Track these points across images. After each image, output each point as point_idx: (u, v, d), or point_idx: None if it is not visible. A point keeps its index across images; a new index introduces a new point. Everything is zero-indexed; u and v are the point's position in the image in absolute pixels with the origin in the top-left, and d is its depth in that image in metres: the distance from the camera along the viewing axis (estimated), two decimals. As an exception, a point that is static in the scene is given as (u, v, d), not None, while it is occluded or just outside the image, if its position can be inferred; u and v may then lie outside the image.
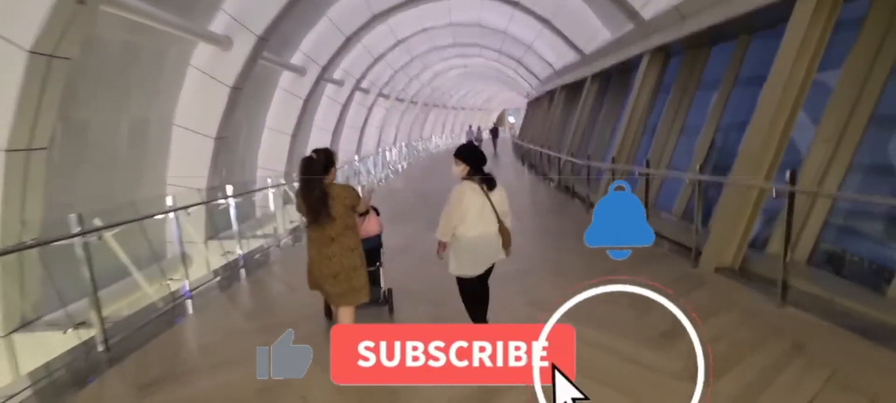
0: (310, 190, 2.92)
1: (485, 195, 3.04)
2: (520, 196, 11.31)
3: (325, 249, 2.96)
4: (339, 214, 2.94)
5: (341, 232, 2.97)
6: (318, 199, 2.90)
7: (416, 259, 5.87)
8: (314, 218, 2.93)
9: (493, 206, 3.06)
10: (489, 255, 3.12)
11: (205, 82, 8.02)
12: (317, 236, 2.99)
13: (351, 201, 2.99)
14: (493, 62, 23.35)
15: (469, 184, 3.04)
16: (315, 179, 2.93)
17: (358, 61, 15.73)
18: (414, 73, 23.16)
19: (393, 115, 26.02)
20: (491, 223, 3.07)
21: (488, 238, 3.07)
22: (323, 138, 15.81)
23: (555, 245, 6.37)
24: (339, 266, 2.96)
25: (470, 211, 3.03)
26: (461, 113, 47.71)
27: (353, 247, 3.03)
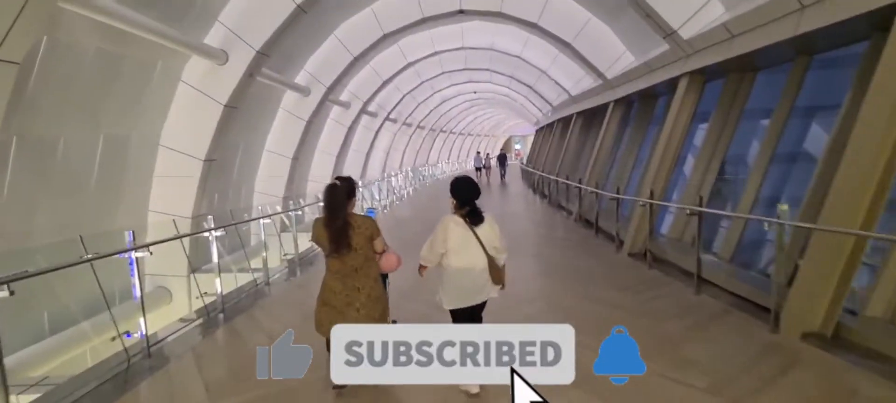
0: (333, 218, 2.88)
1: (470, 229, 3.03)
2: (536, 228, 10.41)
3: (350, 281, 2.95)
4: (360, 245, 2.91)
5: (363, 263, 2.95)
6: (341, 229, 2.86)
7: (426, 304, 4.95)
8: (336, 248, 2.88)
9: (479, 241, 3.02)
10: (475, 289, 3.08)
11: (196, 99, 7.30)
12: (338, 267, 2.95)
13: (371, 232, 2.97)
14: (502, 88, 22.84)
15: (455, 217, 3.07)
16: (339, 208, 2.89)
17: (366, 83, 15.14)
18: (422, 98, 22.65)
19: (400, 140, 25.44)
20: (477, 257, 3.03)
21: (473, 272, 3.04)
22: (326, 162, 15.09)
23: (589, 292, 5.42)
24: (367, 297, 2.95)
25: (451, 243, 3.03)
26: (468, 139, 47.31)
27: (376, 277, 3.05)
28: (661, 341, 3.89)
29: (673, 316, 4.58)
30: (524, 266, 6.89)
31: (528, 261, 7.15)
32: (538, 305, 5.01)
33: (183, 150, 7.38)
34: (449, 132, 37.77)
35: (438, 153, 37.56)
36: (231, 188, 10.14)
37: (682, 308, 4.80)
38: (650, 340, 3.92)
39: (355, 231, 2.91)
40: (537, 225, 10.89)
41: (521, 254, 7.66)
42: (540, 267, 6.73)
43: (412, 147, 28.46)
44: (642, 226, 7.37)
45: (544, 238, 9.17)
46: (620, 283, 5.81)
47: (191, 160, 7.40)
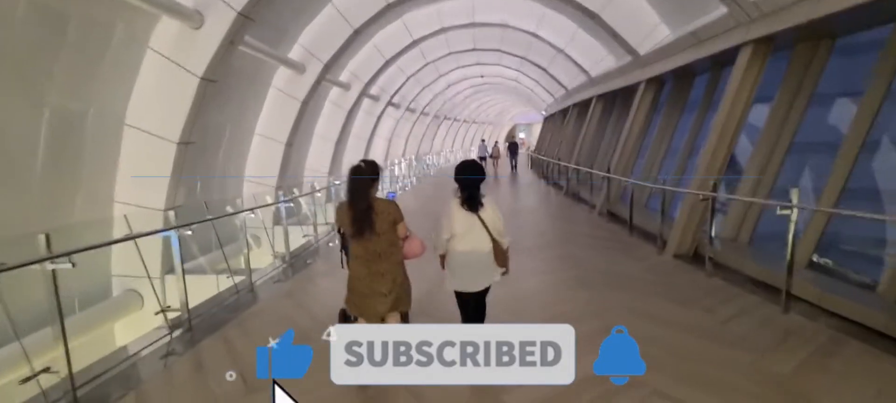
0: (357, 201, 2.87)
1: (473, 214, 3.07)
2: (556, 222, 9.32)
3: (374, 266, 2.94)
4: (384, 230, 2.91)
5: (386, 248, 2.95)
6: (364, 212, 2.85)
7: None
8: (359, 231, 2.88)
9: (484, 224, 3.09)
10: (480, 273, 3.16)
11: (167, 70, 6.17)
12: (361, 252, 2.94)
13: (394, 217, 2.95)
14: (512, 71, 21.58)
15: (455, 202, 3.11)
16: (363, 190, 2.88)
17: (367, 62, 13.96)
18: (427, 81, 21.42)
19: (403, 127, 24.26)
20: (481, 241, 3.10)
21: (478, 255, 3.11)
22: (324, 149, 13.98)
23: (643, 308, 4.36)
24: (392, 282, 2.97)
25: (456, 227, 3.08)
26: (472, 127, 46.07)
27: (400, 262, 3.04)
28: (778, 387, 2.84)
29: (770, 344, 3.52)
30: (553, 270, 5.81)
31: (557, 265, 6.08)
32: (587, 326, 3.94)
33: (153, 131, 6.28)
34: (453, 119, 36.53)
35: (442, 141, 36.37)
36: (217, 175, 9.04)
37: (776, 332, 3.74)
38: (760, 385, 2.87)
39: (379, 215, 2.88)
40: (557, 219, 9.79)
41: (547, 254, 6.59)
42: (573, 272, 5.66)
43: (415, 135, 27.28)
44: (691, 223, 6.28)
45: (568, 234, 8.09)
46: (678, 295, 4.74)
47: (162, 143, 6.30)
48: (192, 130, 6.50)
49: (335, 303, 4.96)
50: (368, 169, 2.94)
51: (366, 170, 2.93)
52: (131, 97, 6.18)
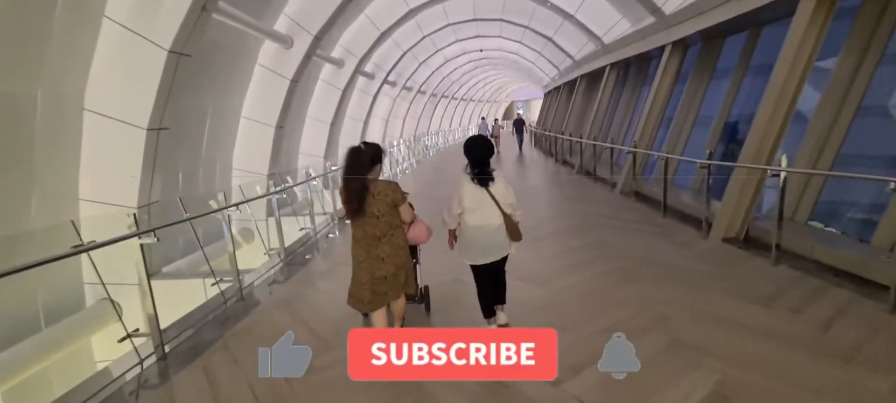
0: (351, 180, 2.78)
1: (483, 189, 3.09)
2: (573, 205, 8.52)
3: (374, 250, 2.87)
4: (383, 212, 2.84)
5: (387, 230, 2.87)
6: (357, 192, 2.77)
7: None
8: (353, 212, 2.82)
9: (493, 199, 3.11)
10: (492, 246, 3.18)
11: (129, 43, 5.24)
12: (361, 235, 2.89)
13: (394, 198, 2.87)
14: (513, 43, 20.47)
15: (465, 178, 3.14)
16: (357, 170, 2.78)
17: (360, 36, 12.91)
18: (424, 57, 20.30)
19: (399, 107, 23.19)
20: (492, 215, 3.13)
21: (489, 229, 3.13)
22: (319, 132, 13.03)
23: (713, 309, 3.60)
24: (393, 266, 2.91)
25: (467, 203, 3.11)
26: (469, 105, 44.89)
27: (402, 245, 2.96)
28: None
29: (888, 362, 2.77)
30: (588, 261, 5.03)
31: (590, 254, 5.30)
32: (652, 342, 3.19)
33: (117, 116, 5.38)
34: (451, 98, 35.37)
35: (440, 121, 35.27)
36: (201, 165, 8.15)
37: (892, 343, 2.99)
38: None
39: (376, 197, 2.81)
40: (575, 200, 8.99)
41: (574, 241, 5.82)
42: (611, 264, 4.90)
43: (412, 114, 26.21)
44: (743, 203, 5.49)
45: (592, 217, 7.30)
46: (747, 290, 3.99)
47: (129, 130, 5.41)
48: (165, 114, 5.60)
49: (339, 314, 4.19)
50: (368, 150, 2.84)
51: (365, 151, 2.83)
52: (89, 76, 5.25)
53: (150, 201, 5.70)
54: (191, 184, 7.75)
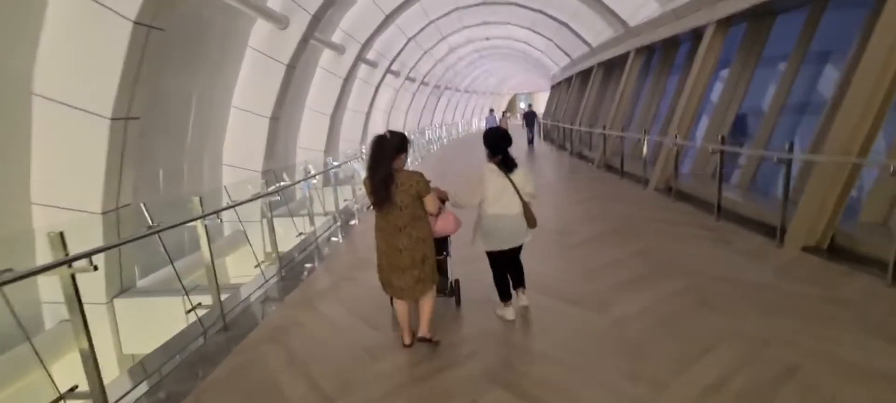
0: (376, 170, 2.75)
1: (505, 177, 3.16)
2: (604, 204, 7.60)
3: (393, 240, 2.85)
4: (406, 203, 2.78)
5: (409, 221, 2.81)
6: (382, 182, 2.74)
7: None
8: (377, 202, 2.79)
9: (515, 187, 3.17)
10: (511, 234, 3.25)
11: (87, 14, 4.29)
12: (383, 225, 2.87)
13: (419, 189, 2.80)
14: (523, 30, 19.48)
15: (490, 165, 3.19)
16: (384, 160, 2.74)
17: (363, 20, 11.95)
18: (428, 45, 19.33)
19: (402, 99, 22.23)
20: (513, 204, 3.18)
21: (510, 218, 3.18)
22: (319, 124, 12.10)
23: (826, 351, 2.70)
24: (410, 259, 2.84)
25: (489, 191, 3.16)
26: (472, 98, 43.88)
27: (425, 238, 2.88)
28: None
29: None
30: (643, 278, 4.12)
31: (643, 269, 4.41)
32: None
33: (74, 103, 4.45)
34: (453, 90, 34.35)
35: (442, 114, 34.28)
36: (185, 160, 7.22)
37: None
38: None
39: (399, 187, 2.75)
40: (603, 198, 8.06)
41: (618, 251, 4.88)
42: (676, 282, 4.01)
43: (415, 107, 25.25)
44: (827, 205, 4.57)
45: (629, 220, 6.40)
46: (878, 323, 3.08)
47: (89, 119, 4.48)
48: (134, 101, 4.67)
49: (345, 353, 3.29)
50: (394, 138, 2.77)
51: (390, 139, 2.76)
52: (37, 53, 4.31)
53: (118, 205, 4.78)
54: (174, 181, 6.84)
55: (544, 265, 4.68)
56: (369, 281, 4.70)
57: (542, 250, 5.27)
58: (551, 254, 5.07)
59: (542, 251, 5.23)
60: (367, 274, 4.89)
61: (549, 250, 5.22)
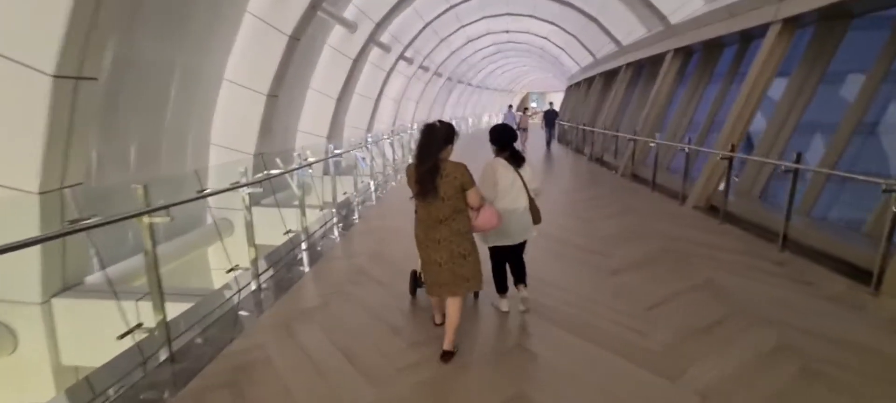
0: (423, 160, 2.67)
1: (515, 171, 3.16)
2: (641, 222, 6.65)
3: (433, 233, 2.76)
4: (449, 195, 2.70)
5: (450, 214, 2.72)
6: (429, 173, 2.66)
7: None
8: (421, 193, 2.70)
9: (523, 181, 3.17)
10: (519, 229, 3.21)
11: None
12: (424, 216, 2.78)
13: (463, 181, 2.71)
14: (545, 25, 18.44)
15: (500, 160, 3.18)
16: (432, 149, 2.67)
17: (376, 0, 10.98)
18: (446, 33, 18.34)
19: (414, 89, 21.27)
20: (520, 198, 3.18)
21: (518, 212, 3.17)
22: (322, 107, 11.18)
23: None
24: (448, 252, 2.74)
25: (500, 185, 3.14)
26: (484, 93, 42.85)
27: (464, 232, 2.78)
28: None
29: None
30: (719, 323, 3.19)
31: (713, 309, 3.50)
32: None
33: (4, 51, 3.53)
34: (466, 84, 33.33)
35: (452, 108, 33.28)
36: (164, 138, 6.33)
37: None
38: None
39: (444, 178, 2.67)
40: (637, 214, 7.11)
41: (673, 285, 3.95)
42: (764, 335, 3.13)
43: (426, 98, 24.28)
44: None
45: (675, 243, 5.48)
46: None
47: (24, 75, 3.56)
48: (87, 57, 3.75)
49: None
50: (442, 128, 2.70)
51: (440, 128, 2.69)
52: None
53: (63, 183, 3.88)
54: (148, 161, 5.94)
55: (582, 295, 3.78)
56: (367, 299, 3.80)
57: (576, 274, 4.34)
58: (589, 281, 4.15)
59: (576, 275, 4.31)
60: (365, 289, 3.99)
61: (585, 275, 4.31)
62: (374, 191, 8.52)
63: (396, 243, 5.34)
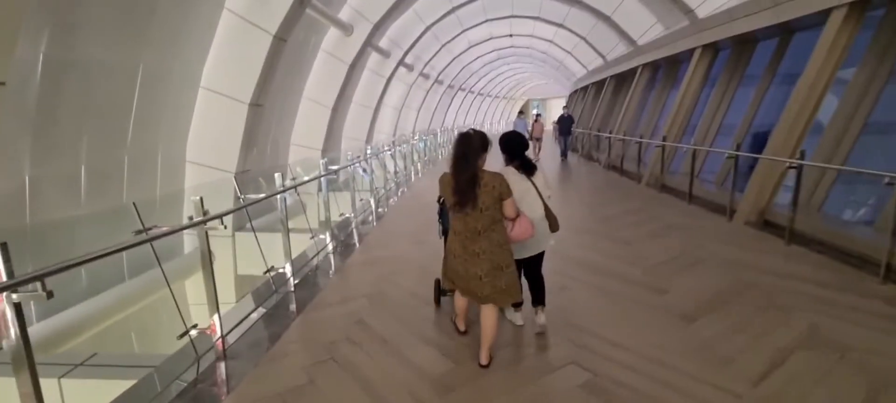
0: (462, 170, 2.61)
1: (527, 179, 3.07)
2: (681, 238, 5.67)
3: (471, 245, 2.67)
4: (487, 205, 2.63)
5: (489, 225, 2.66)
6: (468, 182, 2.59)
7: None
8: (460, 204, 2.63)
9: (537, 190, 3.08)
10: (535, 239, 3.04)
11: None
12: (461, 228, 2.70)
13: (500, 191, 2.64)
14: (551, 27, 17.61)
15: (510, 169, 3.08)
16: (471, 159, 2.60)
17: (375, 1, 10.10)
18: (447, 38, 17.50)
19: (414, 96, 20.39)
20: (535, 207, 3.07)
21: (534, 222, 2.97)
22: (317, 117, 10.24)
23: None
24: (488, 264, 2.67)
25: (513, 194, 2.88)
26: (485, 101, 42.10)
27: (502, 243, 2.72)
28: None
29: None
30: None
31: (851, 383, 2.49)
32: None
33: None
34: (467, 91, 32.53)
35: (454, 117, 32.44)
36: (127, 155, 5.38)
37: None
38: None
39: (483, 188, 2.61)
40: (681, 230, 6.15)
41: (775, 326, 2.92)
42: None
43: (427, 106, 23.41)
44: None
45: (755, 274, 4.50)
46: None
47: None
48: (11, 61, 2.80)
49: None
50: (478, 137, 2.66)
51: (476, 136, 2.65)
52: None
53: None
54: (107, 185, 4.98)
55: (649, 357, 2.85)
56: (367, 369, 2.82)
57: (633, 321, 3.40)
58: (654, 333, 3.20)
59: (633, 322, 3.37)
60: (365, 352, 3.01)
61: (645, 322, 3.37)
62: (375, 209, 7.54)
63: (402, 278, 4.37)
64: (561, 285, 4.12)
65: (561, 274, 4.38)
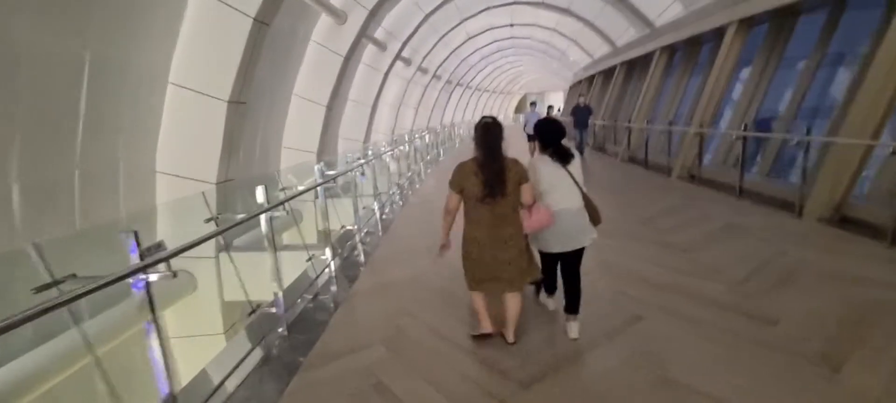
0: (491, 159, 2.60)
1: (561, 167, 2.87)
2: (754, 246, 4.73)
3: (498, 232, 2.66)
4: (511, 190, 2.64)
5: (511, 210, 2.68)
6: (498, 173, 2.59)
7: None
8: (490, 193, 2.59)
9: (573, 178, 2.87)
10: (572, 232, 2.86)
11: None
12: (487, 215, 2.65)
13: (520, 177, 2.65)
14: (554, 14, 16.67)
15: (541, 157, 2.93)
16: (498, 148, 2.62)
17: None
18: (445, 29, 16.52)
19: (412, 93, 19.40)
20: (572, 196, 2.86)
21: (569, 213, 2.85)
22: (312, 115, 9.26)
23: None
24: (516, 249, 2.70)
25: (543, 183, 2.85)
26: (483, 96, 41.19)
27: (520, 227, 2.73)
28: None
29: None
30: None
31: None
32: None
33: None
34: (464, 86, 31.57)
35: (452, 113, 31.47)
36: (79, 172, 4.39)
37: None
38: None
39: (508, 173, 2.61)
40: (740, 232, 5.22)
41: None
42: None
43: (426, 104, 22.43)
44: None
45: (877, 290, 3.58)
46: None
47: None
48: None
49: None
50: (498, 124, 2.67)
51: (496, 125, 2.65)
52: None
53: None
54: (51, 206, 4.00)
55: None
56: None
57: (755, 374, 2.49)
58: (787, 382, 2.35)
59: (756, 376, 2.45)
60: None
61: (763, 364, 2.47)
62: (380, 217, 6.58)
63: (424, 310, 3.44)
64: (633, 313, 3.19)
65: (626, 297, 3.45)
